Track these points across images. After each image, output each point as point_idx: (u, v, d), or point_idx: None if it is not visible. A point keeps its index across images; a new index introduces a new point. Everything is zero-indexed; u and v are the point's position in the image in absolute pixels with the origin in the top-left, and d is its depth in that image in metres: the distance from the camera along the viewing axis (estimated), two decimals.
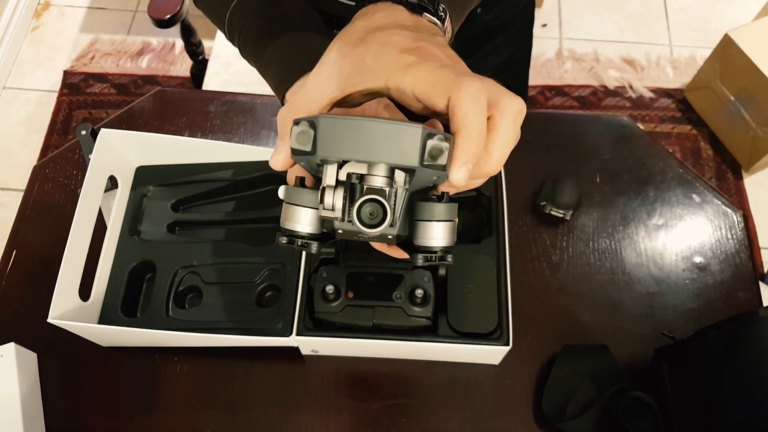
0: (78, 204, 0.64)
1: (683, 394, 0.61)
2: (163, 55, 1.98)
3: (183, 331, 0.63)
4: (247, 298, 0.67)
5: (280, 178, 0.72)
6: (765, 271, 1.53)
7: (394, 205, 0.36)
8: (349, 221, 0.36)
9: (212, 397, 0.67)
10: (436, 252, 0.39)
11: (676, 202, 0.78)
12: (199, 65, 1.43)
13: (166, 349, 0.69)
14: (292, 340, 0.63)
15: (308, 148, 0.35)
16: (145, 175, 0.74)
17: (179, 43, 1.97)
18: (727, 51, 1.61)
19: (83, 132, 0.77)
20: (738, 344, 0.57)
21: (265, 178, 0.73)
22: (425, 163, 0.34)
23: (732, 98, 1.66)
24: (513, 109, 0.36)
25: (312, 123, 0.34)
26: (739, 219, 0.76)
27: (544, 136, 0.82)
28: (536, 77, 1.89)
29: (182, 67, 1.95)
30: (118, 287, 0.68)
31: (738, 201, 1.69)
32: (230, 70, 1.33)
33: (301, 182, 0.40)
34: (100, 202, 0.69)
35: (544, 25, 1.98)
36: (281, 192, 0.40)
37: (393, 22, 0.39)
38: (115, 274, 0.69)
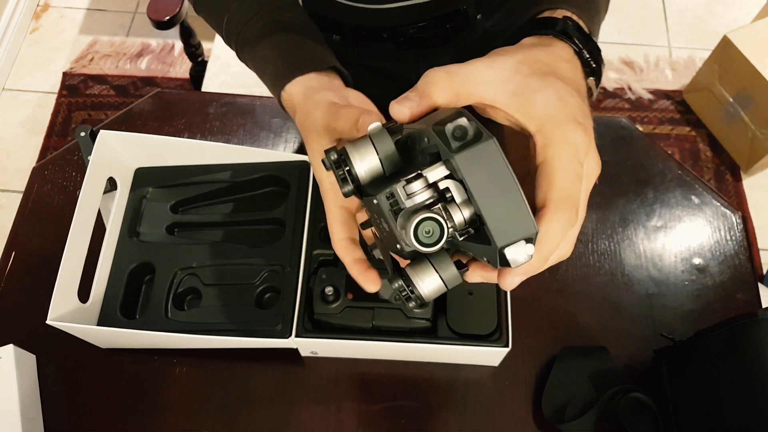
0: (77, 205, 0.64)
1: (682, 395, 0.61)
2: (162, 56, 1.98)
3: (182, 333, 0.63)
4: (246, 300, 0.67)
5: (280, 180, 0.72)
6: (764, 272, 1.54)
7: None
8: (395, 209, 0.34)
9: (211, 398, 0.67)
10: (411, 293, 0.37)
11: (675, 203, 0.78)
12: (199, 67, 1.43)
13: (165, 350, 0.69)
14: (292, 342, 0.63)
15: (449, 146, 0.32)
16: (145, 177, 0.74)
17: (178, 45, 1.97)
18: (726, 53, 1.61)
19: (82, 133, 0.77)
20: (737, 346, 0.57)
21: (264, 179, 0.73)
22: (501, 245, 0.32)
23: (731, 100, 1.66)
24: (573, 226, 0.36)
25: (477, 134, 0.31)
26: (738, 220, 0.76)
27: None
28: None
29: (181, 68, 1.95)
30: (117, 289, 0.68)
31: (737, 202, 1.69)
32: (229, 71, 1.33)
33: (400, 147, 0.37)
34: (99, 203, 0.69)
35: None
36: (372, 126, 0.37)
37: (574, 81, 0.40)
38: (114, 276, 0.69)
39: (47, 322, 0.59)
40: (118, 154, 0.72)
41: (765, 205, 1.69)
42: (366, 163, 0.36)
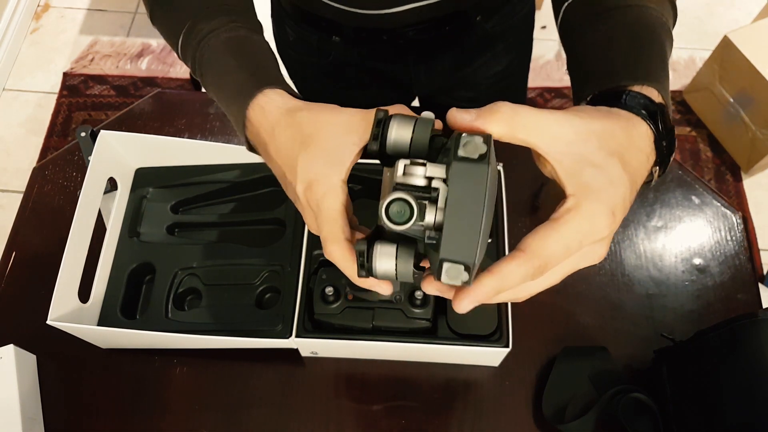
0: (77, 206, 0.64)
1: (683, 396, 0.61)
2: (162, 56, 1.98)
3: (182, 333, 0.63)
4: (246, 300, 0.67)
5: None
6: (764, 272, 1.54)
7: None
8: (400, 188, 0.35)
9: (211, 398, 0.67)
10: (367, 261, 0.38)
11: (675, 203, 0.78)
12: None
13: (166, 350, 0.69)
14: (292, 342, 0.63)
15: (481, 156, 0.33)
16: (145, 177, 0.74)
17: None
18: (727, 53, 1.61)
19: (83, 134, 0.77)
20: (737, 346, 0.57)
21: (264, 180, 0.73)
22: (443, 257, 0.33)
23: (731, 100, 1.66)
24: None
25: (481, 156, 0.33)
26: (738, 221, 0.76)
27: None
28: (536, 79, 1.89)
29: (182, 68, 1.95)
30: (117, 289, 0.68)
31: (737, 203, 1.69)
32: None
33: (437, 143, 0.39)
34: (99, 203, 0.69)
35: (544, 27, 1.98)
36: (426, 113, 0.40)
37: (636, 172, 0.39)
38: (115, 276, 0.69)
39: (47, 322, 0.59)
40: (119, 154, 0.72)
41: (765, 205, 1.69)
42: (398, 135, 0.38)
